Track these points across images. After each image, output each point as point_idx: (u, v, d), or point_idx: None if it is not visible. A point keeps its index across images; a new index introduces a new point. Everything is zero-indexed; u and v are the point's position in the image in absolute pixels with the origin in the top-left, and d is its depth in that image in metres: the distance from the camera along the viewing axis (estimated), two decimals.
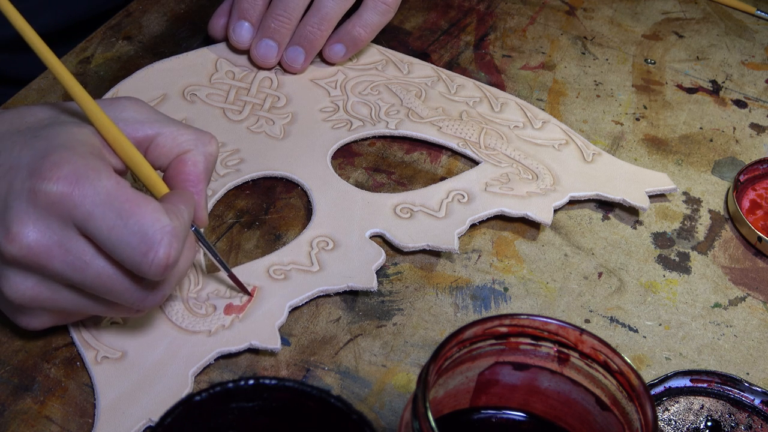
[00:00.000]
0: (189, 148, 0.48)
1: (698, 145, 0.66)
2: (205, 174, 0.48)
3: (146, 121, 0.48)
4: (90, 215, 0.42)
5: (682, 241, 0.59)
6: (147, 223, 0.42)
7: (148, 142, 0.48)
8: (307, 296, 0.52)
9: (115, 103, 0.48)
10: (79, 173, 0.42)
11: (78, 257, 0.43)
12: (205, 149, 0.48)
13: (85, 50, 0.67)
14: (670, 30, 0.76)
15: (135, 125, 0.47)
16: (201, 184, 0.48)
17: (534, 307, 0.54)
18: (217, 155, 0.49)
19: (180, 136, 0.48)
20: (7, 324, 0.49)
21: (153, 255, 0.42)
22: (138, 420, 0.45)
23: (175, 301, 0.51)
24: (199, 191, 0.48)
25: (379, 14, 0.65)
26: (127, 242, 0.42)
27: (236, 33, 0.65)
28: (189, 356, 0.48)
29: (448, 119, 0.64)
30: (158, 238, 0.42)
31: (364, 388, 0.49)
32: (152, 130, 0.47)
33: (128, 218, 0.42)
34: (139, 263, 0.42)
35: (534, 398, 0.42)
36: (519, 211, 0.57)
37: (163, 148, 0.48)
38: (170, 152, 0.48)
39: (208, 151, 0.48)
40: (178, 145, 0.48)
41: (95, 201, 0.42)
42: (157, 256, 0.42)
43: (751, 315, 0.55)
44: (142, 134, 0.47)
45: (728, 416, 0.49)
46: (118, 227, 0.42)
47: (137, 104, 0.48)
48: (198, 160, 0.48)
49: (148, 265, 0.42)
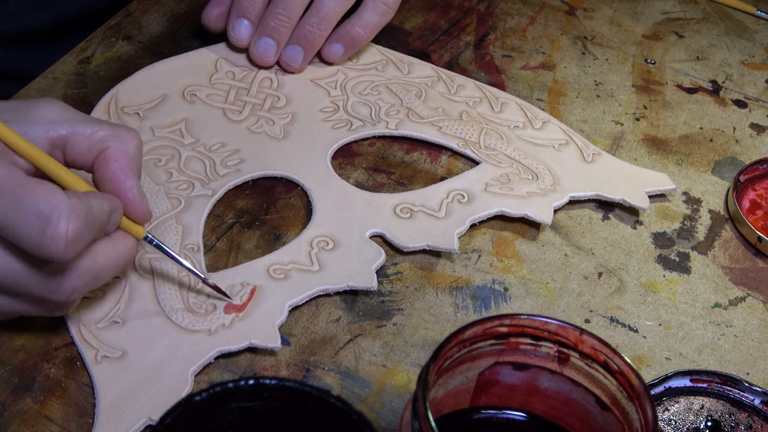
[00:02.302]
0: (107, 144, 0.46)
1: (698, 145, 0.66)
2: (131, 167, 0.47)
3: (59, 120, 0.46)
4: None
5: (682, 241, 0.59)
6: (42, 200, 0.41)
7: (62, 141, 0.46)
8: (307, 295, 0.52)
9: (30, 104, 0.47)
10: None
11: None
12: (124, 144, 0.47)
13: (85, 50, 0.67)
14: (670, 30, 0.76)
15: (46, 125, 0.46)
16: (129, 179, 0.47)
17: (534, 307, 0.54)
18: (140, 147, 0.48)
19: (96, 134, 0.46)
20: (7, 324, 0.49)
21: (52, 231, 0.41)
22: (138, 419, 0.45)
23: (176, 300, 0.51)
24: (129, 186, 0.47)
25: (379, 15, 0.65)
26: (24, 222, 0.41)
27: (235, 31, 0.65)
28: (189, 355, 0.48)
29: (448, 119, 0.64)
30: (55, 213, 0.41)
31: (364, 388, 0.49)
32: (65, 129, 0.46)
33: (22, 199, 0.41)
34: (39, 241, 0.41)
35: (534, 398, 0.42)
36: (519, 211, 0.57)
37: (79, 147, 0.46)
38: (89, 150, 0.46)
39: (128, 144, 0.47)
40: (95, 143, 0.46)
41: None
42: (57, 231, 0.40)
43: (751, 315, 0.55)
44: (54, 134, 0.46)
45: (728, 416, 0.49)
46: (13, 210, 0.41)
47: (53, 104, 0.47)
48: (119, 155, 0.46)
49: (48, 242, 0.41)
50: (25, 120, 0.46)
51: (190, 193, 0.57)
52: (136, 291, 0.51)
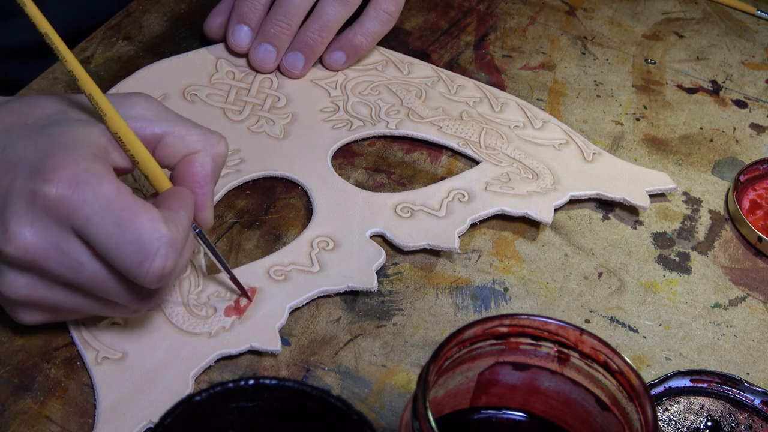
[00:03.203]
0: (197, 148, 0.47)
1: (698, 145, 0.66)
2: (212, 176, 0.48)
3: (155, 119, 0.47)
4: (88, 221, 0.42)
5: (683, 241, 0.59)
6: (145, 232, 0.42)
7: (156, 140, 0.47)
8: (307, 297, 0.52)
9: (125, 99, 0.47)
10: (79, 177, 0.42)
11: (74, 259, 0.43)
12: (213, 150, 0.48)
13: (85, 50, 0.67)
14: (670, 30, 0.76)
15: (143, 123, 0.47)
16: (207, 186, 0.48)
17: (534, 307, 0.54)
18: (225, 156, 0.49)
19: (189, 137, 0.47)
20: (7, 324, 0.49)
21: (149, 265, 0.42)
22: (138, 421, 0.45)
23: (176, 303, 0.51)
24: (204, 193, 0.48)
25: (381, 23, 0.65)
26: (124, 251, 0.42)
27: (235, 37, 0.65)
28: (189, 358, 0.48)
29: (448, 119, 0.64)
30: (155, 248, 0.42)
31: (364, 388, 0.49)
32: (161, 128, 0.47)
33: (126, 227, 0.42)
34: (135, 272, 0.42)
35: (534, 398, 0.42)
36: (519, 210, 0.57)
37: (171, 148, 0.47)
38: (178, 152, 0.47)
39: (216, 152, 0.48)
40: (186, 146, 0.47)
41: (94, 207, 0.42)
42: (153, 266, 0.42)
43: (751, 315, 0.55)
44: (150, 132, 0.47)
45: (728, 416, 0.49)
46: (116, 235, 0.42)
47: (147, 101, 0.48)
48: (206, 162, 0.48)
49: (143, 274, 0.42)
50: (123, 116, 0.46)
51: None
52: None
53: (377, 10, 0.65)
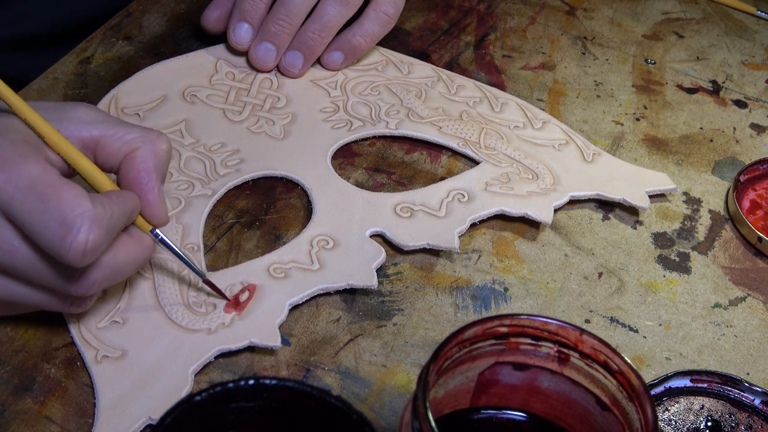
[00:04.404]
0: (137, 146, 0.47)
1: (698, 145, 0.66)
2: (156, 170, 0.47)
3: (92, 122, 0.47)
4: (12, 199, 0.42)
5: (683, 241, 0.59)
6: (67, 207, 0.42)
7: (94, 142, 0.47)
8: (307, 294, 0.52)
9: (65, 105, 0.48)
10: (6, 158, 0.42)
11: (6, 242, 0.43)
12: (153, 146, 0.47)
13: (85, 50, 0.67)
14: (671, 30, 0.76)
15: (80, 125, 0.47)
16: (152, 180, 0.47)
17: (534, 307, 0.54)
18: (169, 152, 0.48)
19: (126, 135, 0.47)
20: (7, 324, 0.49)
21: (71, 239, 0.41)
22: (138, 418, 0.45)
23: (176, 300, 0.51)
24: (150, 188, 0.47)
25: (380, 24, 0.65)
26: (46, 226, 0.41)
27: (236, 34, 0.65)
28: (189, 354, 0.48)
29: (448, 119, 0.64)
30: (78, 222, 0.41)
31: (364, 388, 0.49)
32: (98, 130, 0.47)
33: (48, 202, 0.42)
34: (57, 247, 0.42)
35: (534, 398, 0.42)
36: (519, 211, 0.57)
37: (110, 148, 0.47)
38: (118, 152, 0.47)
39: (157, 147, 0.48)
40: (125, 144, 0.47)
41: (18, 185, 0.42)
42: (76, 240, 0.41)
43: (751, 315, 0.55)
44: (87, 134, 0.47)
45: (728, 416, 0.49)
46: (38, 212, 0.41)
47: (86, 107, 0.48)
48: (146, 156, 0.47)
49: (66, 249, 0.41)
50: (59, 119, 0.46)
51: (190, 193, 0.57)
52: (137, 291, 0.51)
53: (377, 11, 0.65)
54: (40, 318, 0.50)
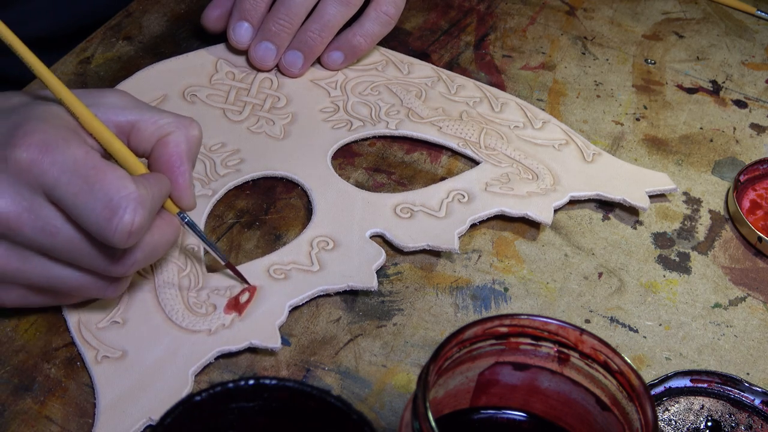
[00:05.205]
0: (170, 130, 0.48)
1: (698, 145, 0.66)
2: (188, 155, 0.48)
3: (127, 107, 0.48)
4: (57, 181, 0.42)
5: (683, 241, 0.59)
6: (112, 189, 0.42)
7: (129, 127, 0.48)
8: (307, 295, 0.52)
9: (98, 90, 0.49)
10: (49, 141, 0.43)
11: (48, 223, 0.43)
12: (186, 131, 0.48)
13: (85, 50, 0.67)
14: (671, 30, 0.76)
15: (115, 110, 0.48)
16: (183, 164, 0.48)
17: (534, 307, 0.54)
18: (200, 138, 0.49)
19: (160, 120, 0.48)
20: (7, 324, 0.50)
21: (117, 221, 0.42)
22: (138, 419, 0.46)
23: (176, 300, 0.51)
24: (182, 172, 0.48)
25: (381, 25, 0.65)
26: (92, 208, 0.42)
27: (236, 33, 0.65)
28: (189, 355, 0.48)
29: (448, 119, 0.64)
30: (123, 204, 0.42)
31: (364, 388, 0.49)
32: (132, 115, 0.48)
33: (93, 184, 0.42)
34: (103, 229, 0.42)
35: (534, 398, 0.42)
36: (519, 211, 0.57)
37: (144, 133, 0.48)
38: (152, 136, 0.48)
39: (190, 133, 0.48)
40: (159, 128, 0.48)
41: (63, 168, 0.42)
42: (122, 221, 0.42)
43: (752, 315, 0.55)
44: (123, 119, 0.48)
45: (728, 416, 0.49)
46: (84, 193, 0.42)
47: (120, 93, 0.49)
48: (179, 141, 0.48)
49: (112, 231, 0.42)
50: (94, 104, 0.47)
51: None
52: (137, 291, 0.51)
53: (377, 11, 0.65)
54: (40, 318, 0.50)
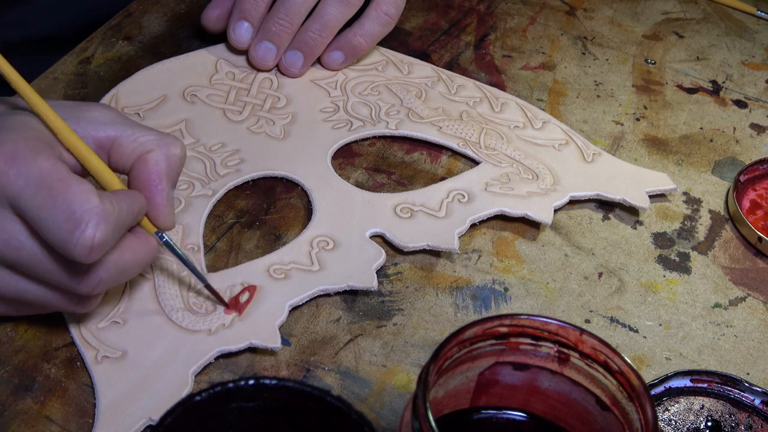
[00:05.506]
0: (150, 148, 0.47)
1: (698, 146, 0.66)
2: (167, 173, 0.47)
3: (109, 122, 0.47)
4: (22, 192, 0.42)
5: (683, 241, 0.59)
6: (76, 202, 0.42)
7: (109, 143, 0.47)
8: (307, 295, 0.52)
9: (82, 104, 0.48)
10: (17, 152, 0.42)
11: (13, 236, 0.43)
12: (167, 150, 0.48)
13: (85, 50, 0.67)
14: (671, 30, 0.76)
15: (96, 125, 0.47)
16: (161, 183, 0.47)
17: (534, 307, 0.54)
18: (182, 157, 0.48)
19: (142, 137, 0.47)
20: (7, 324, 0.49)
21: (79, 234, 0.41)
22: (138, 419, 0.45)
23: (176, 300, 0.51)
24: (159, 190, 0.47)
25: (381, 25, 0.65)
26: (54, 220, 0.41)
27: (236, 33, 0.65)
28: (189, 355, 0.48)
29: (448, 119, 0.64)
30: (86, 218, 0.41)
31: (364, 388, 0.49)
32: (113, 131, 0.47)
33: (57, 197, 0.42)
34: (65, 242, 0.41)
35: (534, 398, 0.42)
36: (519, 211, 0.57)
37: (125, 149, 0.47)
38: (132, 153, 0.47)
39: (171, 151, 0.48)
40: (139, 146, 0.47)
41: (28, 180, 0.42)
42: (83, 235, 0.41)
43: (752, 315, 0.55)
44: (103, 135, 0.47)
45: (728, 416, 0.49)
46: (47, 206, 0.42)
47: (104, 108, 0.48)
48: (159, 159, 0.47)
49: (73, 244, 0.41)
50: (75, 118, 0.47)
51: (190, 194, 0.57)
52: (137, 291, 0.51)
53: (377, 11, 0.65)
54: (40, 318, 0.50)
